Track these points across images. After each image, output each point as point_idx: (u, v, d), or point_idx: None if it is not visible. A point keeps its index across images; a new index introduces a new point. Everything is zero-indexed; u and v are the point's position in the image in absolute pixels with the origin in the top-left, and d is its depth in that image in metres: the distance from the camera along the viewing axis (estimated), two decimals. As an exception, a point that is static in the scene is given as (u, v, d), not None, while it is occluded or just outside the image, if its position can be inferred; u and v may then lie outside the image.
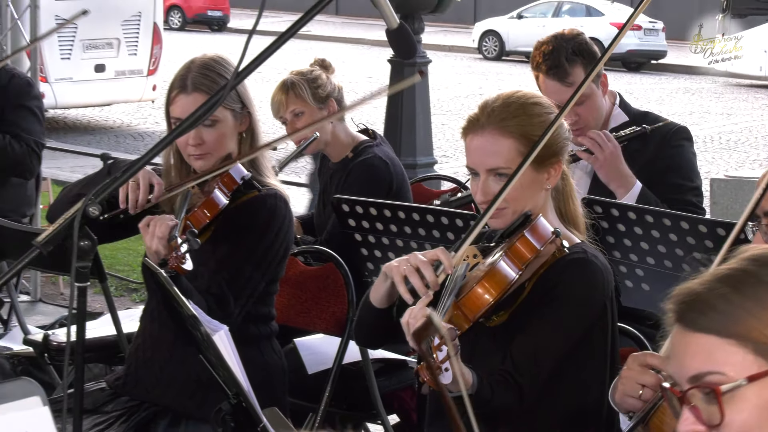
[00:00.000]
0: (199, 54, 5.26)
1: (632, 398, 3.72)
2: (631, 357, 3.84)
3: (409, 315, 3.79)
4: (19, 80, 7.91)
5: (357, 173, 6.63)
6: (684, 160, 6.20)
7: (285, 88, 6.67)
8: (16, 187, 7.85)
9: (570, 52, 6.09)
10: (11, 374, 6.24)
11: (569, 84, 6.00)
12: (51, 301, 10.59)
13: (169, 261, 4.51)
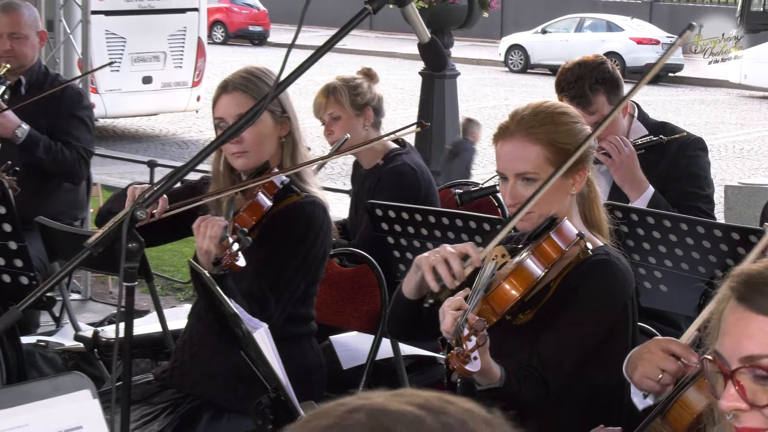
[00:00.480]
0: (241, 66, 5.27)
1: (651, 380, 3.74)
2: (654, 341, 3.86)
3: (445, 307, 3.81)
4: (71, 91, 7.92)
5: (387, 180, 6.63)
6: (698, 169, 6.19)
7: (327, 91, 6.70)
8: (68, 191, 7.85)
9: (593, 81, 6.06)
10: (63, 368, 6.25)
11: (592, 112, 5.97)
12: (100, 299, 10.61)
13: (222, 259, 4.53)
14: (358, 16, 3.95)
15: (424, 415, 1.40)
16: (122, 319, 3.97)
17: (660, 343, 3.80)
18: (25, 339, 6.24)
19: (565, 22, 36.23)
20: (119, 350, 4.02)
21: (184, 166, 4.09)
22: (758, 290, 2.63)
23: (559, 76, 6.25)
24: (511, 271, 4.03)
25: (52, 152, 7.41)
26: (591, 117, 5.91)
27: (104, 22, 19.17)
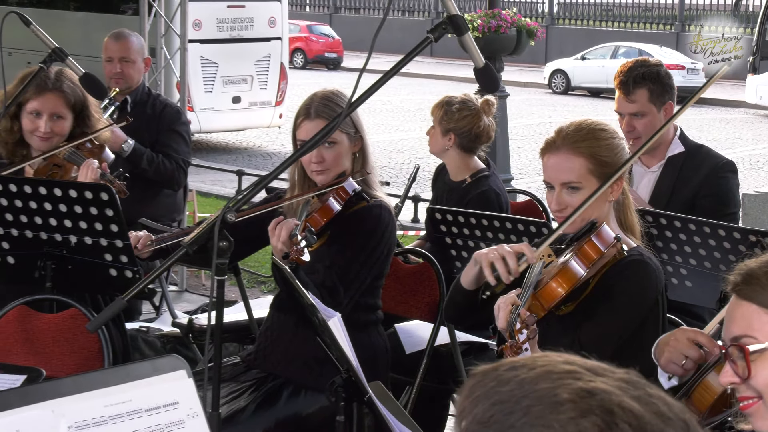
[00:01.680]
0: (319, 88, 5.29)
1: (675, 365, 3.76)
2: (680, 330, 3.88)
3: (500, 303, 3.82)
4: (170, 109, 7.97)
5: (475, 202, 6.54)
6: (726, 189, 6.17)
7: (442, 106, 6.69)
8: (168, 196, 7.89)
9: (640, 75, 6.11)
10: (162, 351, 6.28)
11: (631, 101, 6.10)
12: (195, 291, 10.65)
13: (290, 254, 4.55)
14: (421, 44, 3.94)
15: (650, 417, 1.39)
16: (213, 308, 3.97)
17: (686, 333, 3.81)
18: (129, 325, 6.26)
19: (602, 49, 36.11)
20: (211, 335, 4.02)
21: (267, 175, 4.11)
22: (746, 281, 2.81)
23: (620, 67, 6.34)
24: (558, 271, 4.03)
25: (154, 163, 7.45)
26: (631, 105, 6.11)
27: (199, 49, 19.29)
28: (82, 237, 5.38)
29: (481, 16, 15.89)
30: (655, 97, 6.07)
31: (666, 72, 6.26)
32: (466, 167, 6.73)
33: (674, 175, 6.12)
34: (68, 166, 5.79)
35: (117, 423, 2.46)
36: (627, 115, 6.09)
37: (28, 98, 5.61)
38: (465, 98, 6.72)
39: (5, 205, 5.39)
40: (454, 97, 6.73)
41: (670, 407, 1.43)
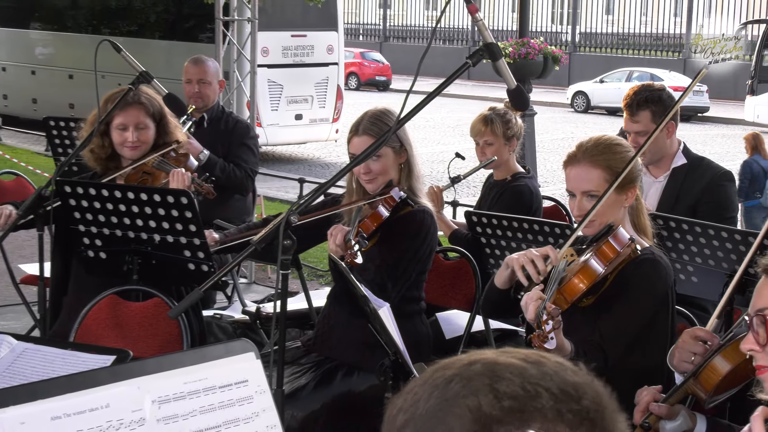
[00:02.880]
0: (369, 107, 5.30)
1: (686, 362, 3.74)
2: (685, 332, 3.85)
3: (527, 298, 3.81)
4: (241, 124, 8.01)
5: (510, 193, 6.64)
6: (725, 196, 6.15)
7: (485, 121, 6.66)
8: (238, 201, 7.91)
9: (643, 99, 6.09)
10: (233, 335, 6.28)
11: (636, 121, 6.09)
12: (262, 283, 10.67)
13: (345, 257, 4.58)
14: (461, 68, 3.94)
15: (526, 366, 1.37)
16: (278, 298, 3.98)
17: (689, 333, 3.83)
18: (205, 312, 6.27)
19: (618, 74, 35.98)
20: (276, 322, 4.03)
21: (325, 183, 4.12)
22: None
23: (629, 91, 6.29)
24: (579, 268, 4.02)
25: (226, 171, 7.48)
26: (635, 125, 6.09)
27: (267, 72, 19.37)
28: (165, 236, 5.40)
29: (512, 44, 15.91)
30: (657, 117, 6.01)
31: (668, 95, 6.23)
32: (508, 168, 6.75)
33: (678, 184, 6.11)
34: (157, 173, 5.82)
35: (194, 398, 2.46)
36: (633, 133, 6.08)
37: (114, 115, 5.64)
38: (505, 109, 6.74)
39: (98, 208, 5.42)
40: (499, 109, 6.72)
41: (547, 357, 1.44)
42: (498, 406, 1.34)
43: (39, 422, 2.23)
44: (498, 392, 1.35)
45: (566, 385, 1.37)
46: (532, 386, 1.36)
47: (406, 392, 1.44)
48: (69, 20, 23.90)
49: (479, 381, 1.37)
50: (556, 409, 1.33)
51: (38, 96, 23.61)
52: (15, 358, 3.70)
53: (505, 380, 1.36)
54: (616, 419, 1.39)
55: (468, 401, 1.35)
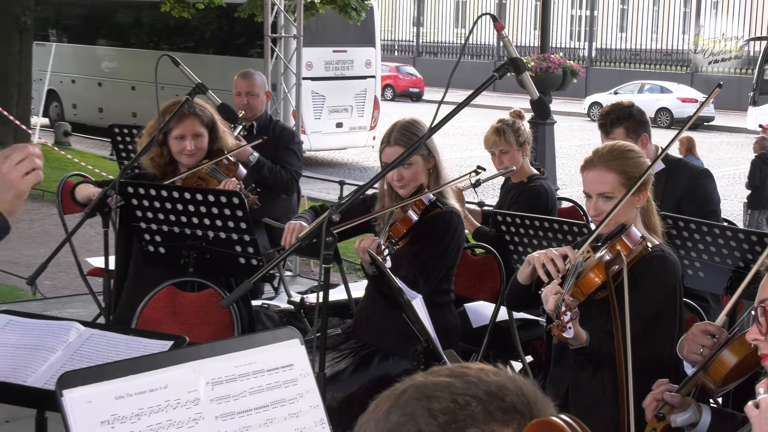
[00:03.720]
0: (401, 117, 5.30)
1: (695, 354, 3.71)
2: (695, 326, 3.83)
3: (547, 291, 3.81)
4: (287, 131, 8.02)
5: (527, 194, 6.62)
6: (703, 192, 6.10)
7: (497, 132, 6.65)
8: (284, 200, 7.93)
9: (615, 117, 6.05)
10: (279, 324, 6.29)
11: (611, 139, 5.85)
12: (305, 275, 10.69)
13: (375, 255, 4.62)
14: (487, 81, 3.93)
15: (452, 380, 1.40)
16: (320, 289, 3.97)
17: (699, 327, 3.80)
18: (254, 302, 6.29)
19: (631, 86, 35.83)
20: (318, 311, 4.02)
21: (363, 185, 4.13)
22: None
23: (601, 112, 6.26)
24: (595, 264, 4.00)
25: (273, 172, 7.49)
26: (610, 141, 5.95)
27: (311, 85, 19.44)
28: (218, 233, 5.41)
29: (534, 59, 15.89)
30: (631, 131, 5.99)
31: (638, 110, 6.15)
32: (523, 171, 6.74)
33: (660, 187, 6.04)
34: (210, 180, 5.84)
35: (244, 380, 2.47)
36: None
37: (172, 127, 5.66)
38: (512, 118, 6.76)
39: (158, 207, 5.45)
40: (508, 120, 6.73)
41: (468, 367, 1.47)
42: (435, 424, 1.37)
43: (104, 401, 2.24)
44: (432, 411, 1.38)
45: (489, 387, 1.40)
46: (461, 397, 1.39)
47: (359, 428, 1.47)
48: (132, 37, 24.04)
49: (413, 406, 1.40)
50: (486, 411, 1.36)
51: (104, 105, 23.76)
52: (82, 342, 3.72)
53: (435, 398, 1.39)
54: (544, 406, 1.42)
55: (408, 427, 1.38)
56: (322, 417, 2.55)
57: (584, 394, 4.20)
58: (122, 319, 5.49)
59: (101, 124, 21.07)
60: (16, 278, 10.15)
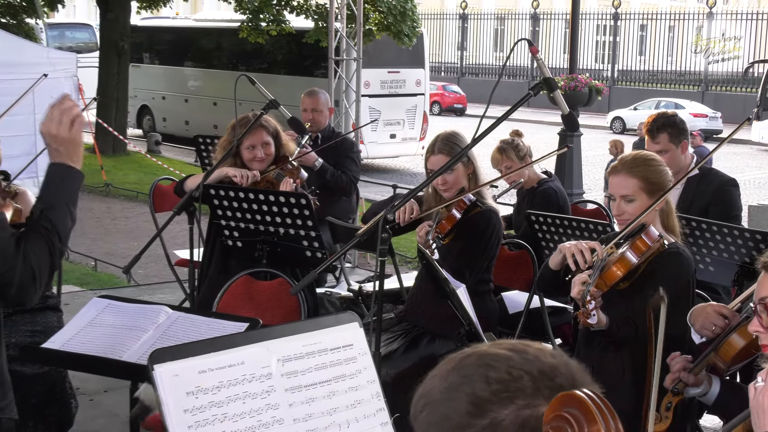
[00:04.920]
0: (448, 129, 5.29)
1: (707, 330, 3.73)
2: (710, 305, 3.83)
3: (575, 282, 3.79)
4: (347, 141, 8.02)
5: (540, 197, 6.62)
6: (730, 199, 6.04)
7: (500, 151, 6.67)
8: (345, 202, 7.94)
9: (661, 123, 6.00)
10: (340, 309, 6.29)
11: (656, 142, 5.97)
12: (363, 267, 10.70)
13: (425, 249, 4.65)
14: (524, 98, 3.91)
15: (511, 354, 1.39)
16: (376, 279, 3.97)
17: (715, 307, 3.80)
18: (318, 290, 6.30)
19: (648, 102, 35.48)
20: (374, 298, 4.03)
21: (413, 189, 4.12)
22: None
23: (648, 119, 6.20)
24: (618, 259, 3.98)
25: (335, 177, 7.51)
26: (656, 146, 5.96)
27: (369, 101, 19.44)
28: (287, 229, 5.43)
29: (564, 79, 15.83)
30: (674, 137, 5.98)
31: (680, 120, 6.13)
32: (532, 178, 6.76)
33: (692, 190, 6.04)
34: (276, 183, 5.86)
35: (310, 358, 2.47)
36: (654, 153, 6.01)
37: (243, 139, 5.69)
38: (511, 137, 6.76)
39: (236, 207, 5.47)
40: (507, 139, 6.75)
41: (529, 345, 1.46)
42: (488, 390, 1.36)
43: (189, 375, 2.25)
44: (488, 378, 1.37)
45: (543, 367, 1.39)
46: (516, 370, 1.38)
47: (425, 383, 1.48)
48: (214, 59, 24.18)
49: (472, 370, 1.40)
50: (535, 387, 1.35)
51: (190, 119, 23.93)
52: (170, 324, 3.74)
53: (493, 368, 1.39)
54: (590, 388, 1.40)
55: (465, 388, 1.38)
56: (378, 391, 2.54)
57: (607, 374, 4.16)
58: (205, 303, 5.52)
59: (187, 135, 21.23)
60: (114, 268, 10.26)
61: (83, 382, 6.24)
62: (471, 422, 1.34)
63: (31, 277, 2.67)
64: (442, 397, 1.39)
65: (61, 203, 2.80)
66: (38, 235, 2.74)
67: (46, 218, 2.77)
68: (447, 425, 1.37)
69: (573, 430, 1.24)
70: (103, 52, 20.19)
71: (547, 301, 5.75)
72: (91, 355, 3.60)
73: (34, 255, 2.69)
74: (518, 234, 6.65)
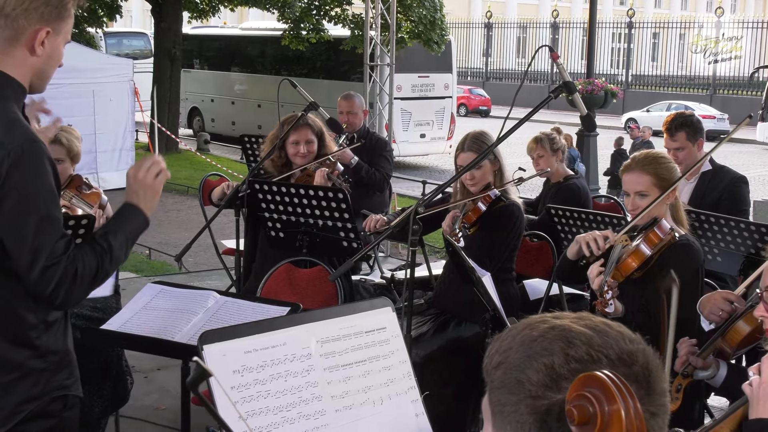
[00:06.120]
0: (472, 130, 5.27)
1: (714, 315, 3.71)
2: (717, 292, 3.81)
3: (592, 273, 3.79)
4: (381, 141, 8.02)
5: (565, 192, 6.59)
6: (739, 194, 5.98)
7: (536, 140, 6.71)
8: (379, 196, 7.93)
9: (679, 123, 5.96)
10: (374, 295, 6.29)
11: (674, 140, 5.94)
12: (395, 256, 10.70)
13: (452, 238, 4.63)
14: (545, 100, 3.88)
15: (593, 335, 1.35)
16: (407, 267, 3.96)
17: (722, 294, 3.77)
18: (354, 277, 6.30)
19: (660, 104, 35.22)
20: (406, 285, 4.02)
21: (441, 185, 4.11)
22: None
23: (667, 118, 6.15)
24: (632, 251, 3.97)
25: (369, 173, 7.51)
26: (674, 143, 5.94)
27: (401, 103, 19.47)
28: (326, 221, 5.43)
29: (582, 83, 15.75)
30: (691, 136, 5.93)
31: (697, 119, 6.10)
32: (559, 173, 6.73)
33: (705, 185, 5.99)
34: (314, 174, 5.86)
35: (347, 339, 2.46)
36: (672, 150, 5.96)
37: (289, 135, 5.70)
38: (550, 131, 6.76)
39: (279, 200, 5.48)
40: (545, 132, 6.76)
41: (611, 327, 1.40)
42: (566, 367, 1.32)
43: (235, 355, 2.25)
44: (568, 355, 1.33)
45: (622, 353, 1.34)
46: (596, 352, 1.33)
47: (503, 338, 1.43)
48: (258, 65, 24.25)
49: (555, 345, 1.35)
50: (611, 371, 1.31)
51: (236, 120, 24.02)
52: (219, 308, 3.75)
53: (574, 346, 1.34)
54: (660, 380, 1.36)
55: (545, 359, 1.34)
56: (409, 370, 2.54)
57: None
58: (250, 289, 5.53)
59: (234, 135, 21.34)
60: (167, 256, 10.32)
61: (138, 361, 6.28)
62: (544, 394, 1.31)
63: (72, 277, 2.62)
64: (520, 363, 1.35)
65: (124, 235, 2.80)
66: (92, 249, 2.71)
67: (106, 239, 2.75)
68: (519, 390, 1.33)
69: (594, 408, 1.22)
70: (157, 59, 20.29)
71: (566, 289, 5.72)
72: (145, 336, 3.62)
73: (81, 262, 2.65)
74: (537, 221, 6.64)
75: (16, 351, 2.70)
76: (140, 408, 5.82)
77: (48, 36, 2.67)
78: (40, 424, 2.76)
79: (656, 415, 1.33)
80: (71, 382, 2.84)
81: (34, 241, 2.56)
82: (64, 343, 2.83)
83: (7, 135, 2.56)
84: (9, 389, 2.70)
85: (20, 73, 2.67)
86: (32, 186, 2.56)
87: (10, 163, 2.53)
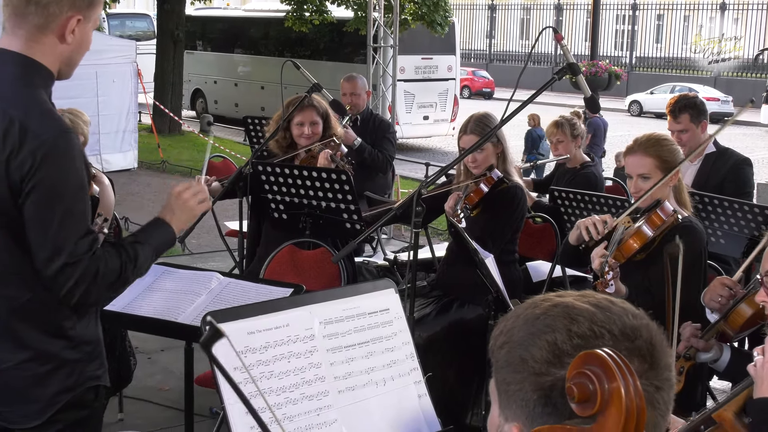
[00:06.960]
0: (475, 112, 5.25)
1: (714, 302, 3.71)
2: (716, 279, 3.81)
3: (594, 254, 3.79)
4: (384, 123, 8.00)
5: (582, 178, 6.58)
6: (743, 176, 5.97)
7: (556, 125, 6.71)
8: (381, 178, 7.93)
9: (683, 104, 5.95)
10: (377, 276, 6.30)
11: (678, 122, 5.93)
12: (398, 238, 10.69)
13: (453, 220, 4.64)
14: (549, 82, 3.87)
15: (595, 311, 1.34)
16: (411, 249, 3.96)
17: (719, 280, 3.80)
18: (357, 259, 6.30)
19: (664, 87, 35.09)
20: (408, 267, 4.02)
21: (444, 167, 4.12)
22: None
23: (670, 100, 6.13)
24: (634, 232, 3.97)
25: (372, 155, 7.51)
26: (678, 125, 5.93)
27: (404, 85, 19.39)
28: (329, 203, 5.42)
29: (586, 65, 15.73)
30: (694, 118, 5.92)
31: (701, 101, 6.10)
32: (576, 159, 6.72)
33: (708, 167, 5.98)
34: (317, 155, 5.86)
35: (350, 321, 2.47)
36: (676, 132, 5.94)
37: (294, 115, 5.68)
38: (571, 116, 6.75)
39: (282, 182, 5.47)
40: (565, 116, 6.74)
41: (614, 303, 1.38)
42: (569, 343, 1.31)
43: (239, 335, 2.25)
44: (571, 332, 1.32)
45: (626, 328, 1.33)
46: (598, 328, 1.32)
47: (507, 319, 1.42)
48: (262, 47, 24.20)
49: (558, 321, 1.34)
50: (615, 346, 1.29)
51: (239, 101, 23.98)
52: (222, 289, 3.76)
53: (577, 322, 1.33)
54: (664, 354, 1.35)
55: (547, 336, 1.33)
56: (412, 351, 2.54)
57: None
58: (253, 271, 5.54)
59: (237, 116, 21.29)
60: (170, 237, 10.30)
61: (142, 342, 6.30)
62: (548, 370, 1.30)
63: (93, 276, 2.58)
64: (524, 341, 1.35)
65: (151, 246, 2.78)
66: (118, 254, 2.67)
67: (133, 248, 2.72)
68: (523, 368, 1.33)
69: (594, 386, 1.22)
70: (160, 40, 20.24)
71: (569, 271, 5.72)
72: (148, 317, 3.63)
73: (104, 262, 2.61)
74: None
75: (51, 342, 2.69)
76: (143, 389, 5.84)
77: (79, 24, 2.64)
78: (74, 414, 2.76)
79: (661, 389, 1.32)
80: (102, 372, 2.84)
81: (57, 236, 2.53)
82: (95, 333, 2.82)
83: (41, 126, 2.52)
84: (46, 380, 2.70)
85: (49, 61, 2.63)
86: (61, 180, 2.52)
87: (43, 155, 2.49)
